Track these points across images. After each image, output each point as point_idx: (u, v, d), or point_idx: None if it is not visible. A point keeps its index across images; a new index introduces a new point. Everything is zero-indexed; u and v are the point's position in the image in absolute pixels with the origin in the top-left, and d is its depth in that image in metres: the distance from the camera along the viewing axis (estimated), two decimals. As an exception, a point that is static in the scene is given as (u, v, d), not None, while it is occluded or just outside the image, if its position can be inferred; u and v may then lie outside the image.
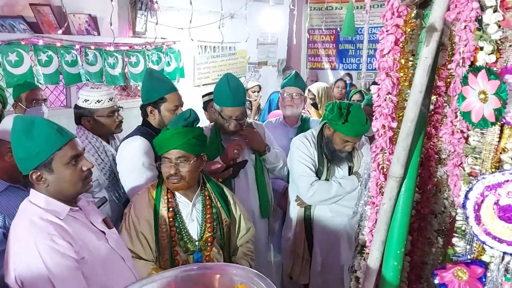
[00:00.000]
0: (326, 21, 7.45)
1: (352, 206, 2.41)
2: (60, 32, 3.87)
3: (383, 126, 1.30)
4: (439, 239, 1.52)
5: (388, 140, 1.31)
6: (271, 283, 1.05)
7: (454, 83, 1.11)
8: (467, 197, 1.04)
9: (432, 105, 1.40)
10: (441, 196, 1.50)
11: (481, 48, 1.02)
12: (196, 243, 1.95)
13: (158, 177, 2.07)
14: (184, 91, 3.58)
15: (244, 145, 2.53)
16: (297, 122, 3.12)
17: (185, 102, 2.41)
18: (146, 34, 4.80)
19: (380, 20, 1.29)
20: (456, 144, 1.13)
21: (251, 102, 5.07)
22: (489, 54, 1.01)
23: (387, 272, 1.30)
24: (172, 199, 1.95)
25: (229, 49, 6.13)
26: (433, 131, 1.46)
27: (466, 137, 1.10)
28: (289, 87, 3.05)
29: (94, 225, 1.57)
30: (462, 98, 1.04)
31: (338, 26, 7.23)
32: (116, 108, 2.42)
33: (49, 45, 3.82)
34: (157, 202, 1.93)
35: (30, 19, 3.85)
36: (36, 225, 1.40)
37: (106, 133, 2.42)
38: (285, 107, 3.05)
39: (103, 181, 2.32)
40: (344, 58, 7.62)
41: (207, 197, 2.02)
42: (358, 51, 7.38)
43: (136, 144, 2.21)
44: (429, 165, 1.48)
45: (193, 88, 5.43)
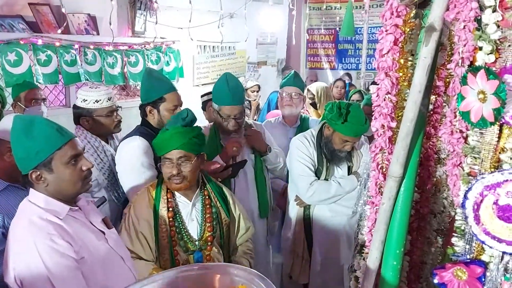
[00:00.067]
0: (326, 21, 7.47)
1: (352, 206, 2.42)
2: (59, 32, 3.86)
3: (383, 126, 1.30)
4: (439, 239, 1.52)
5: (388, 140, 1.31)
6: (272, 285, 1.05)
7: (453, 83, 1.11)
8: (466, 197, 1.04)
9: (431, 105, 1.41)
10: (440, 196, 1.50)
11: (480, 48, 1.02)
12: (196, 243, 1.95)
13: (158, 177, 2.07)
14: (183, 91, 3.58)
15: (243, 144, 2.53)
16: (296, 122, 3.12)
17: (184, 102, 2.40)
18: (146, 34, 4.79)
19: (379, 20, 1.29)
20: (455, 144, 1.13)
21: (250, 102, 5.06)
22: (488, 54, 1.01)
23: (387, 272, 1.30)
24: (172, 199, 1.95)
25: (229, 49, 6.12)
26: (432, 131, 1.46)
27: (465, 137, 1.10)
28: (288, 87, 3.05)
29: (94, 225, 1.57)
30: (461, 98, 1.04)
31: (338, 26, 7.24)
32: (115, 108, 2.41)
33: (48, 45, 3.82)
34: (157, 202, 1.93)
35: (29, 19, 3.85)
36: (36, 225, 1.40)
37: (105, 133, 2.42)
38: (284, 107, 3.06)
39: (102, 181, 2.32)
40: (343, 58, 7.62)
41: (207, 197, 2.02)
42: (358, 51, 7.39)
43: (135, 144, 2.21)
44: (429, 165, 1.48)
45: (193, 88, 5.42)
